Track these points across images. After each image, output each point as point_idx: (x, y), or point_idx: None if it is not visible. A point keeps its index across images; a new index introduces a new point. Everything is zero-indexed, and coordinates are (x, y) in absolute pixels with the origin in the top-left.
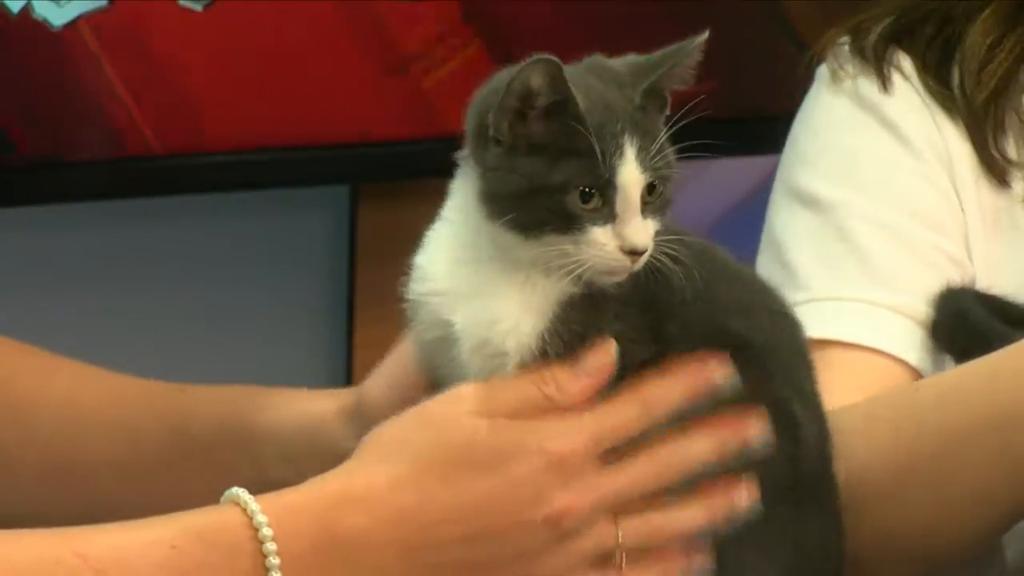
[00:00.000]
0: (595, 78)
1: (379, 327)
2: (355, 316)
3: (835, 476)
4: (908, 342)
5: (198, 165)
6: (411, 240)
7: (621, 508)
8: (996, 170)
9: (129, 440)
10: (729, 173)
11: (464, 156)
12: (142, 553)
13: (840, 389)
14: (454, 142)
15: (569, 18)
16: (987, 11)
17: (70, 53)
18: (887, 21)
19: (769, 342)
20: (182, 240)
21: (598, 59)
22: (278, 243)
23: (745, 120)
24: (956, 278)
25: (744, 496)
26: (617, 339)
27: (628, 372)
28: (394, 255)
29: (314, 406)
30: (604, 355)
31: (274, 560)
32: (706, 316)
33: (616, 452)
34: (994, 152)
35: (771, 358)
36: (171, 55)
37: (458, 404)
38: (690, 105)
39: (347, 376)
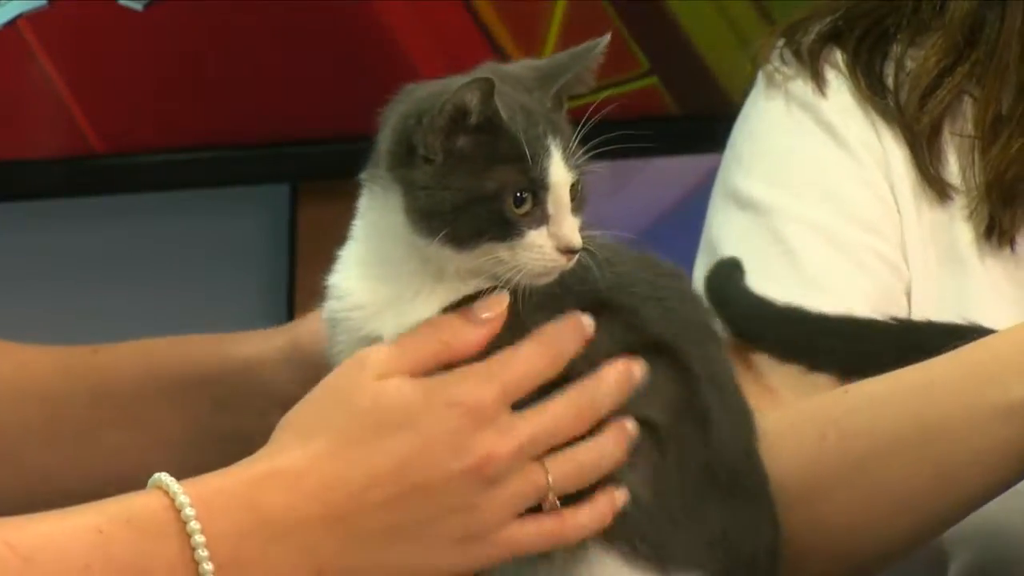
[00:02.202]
0: (501, 83)
1: None
2: (295, 315)
3: (763, 470)
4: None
5: (138, 164)
6: None
7: (545, 451)
8: (935, 186)
9: (46, 407)
10: (668, 172)
11: (373, 176)
12: (70, 539)
13: (768, 392)
14: None
15: (511, 16)
16: (939, 35)
17: (10, 53)
18: (826, 21)
19: (681, 330)
20: (122, 239)
21: (494, 66)
22: (218, 242)
23: (684, 118)
24: (891, 281)
25: (631, 425)
26: (541, 324)
27: None
28: (334, 254)
29: (246, 350)
30: (497, 305)
31: (199, 538)
32: (622, 302)
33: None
34: (933, 172)
35: (684, 347)
36: (111, 54)
37: (361, 371)
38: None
39: None
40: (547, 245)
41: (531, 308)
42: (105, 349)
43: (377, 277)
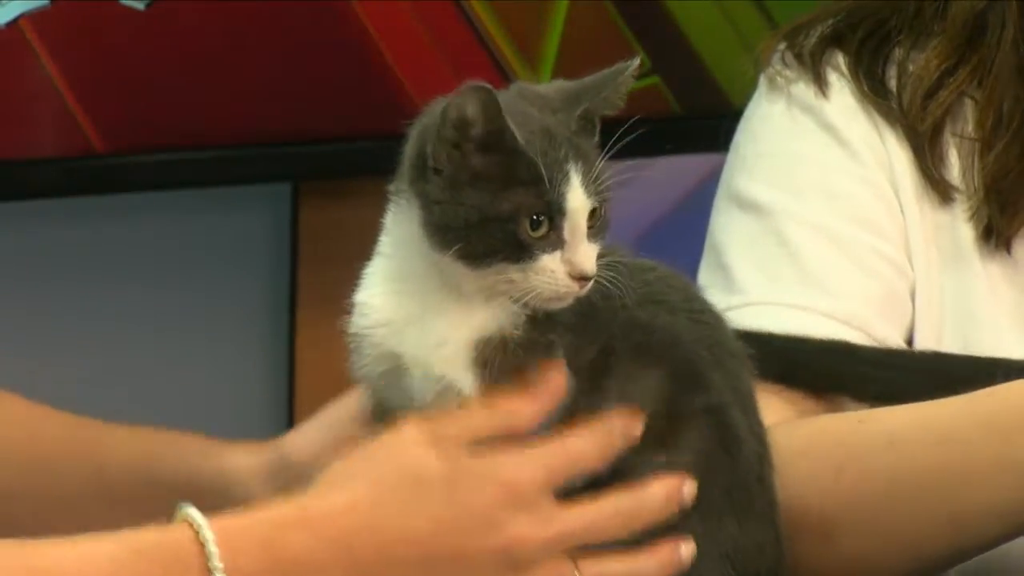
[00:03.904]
0: (528, 104)
1: (321, 326)
2: (297, 315)
3: (773, 495)
4: None
5: (140, 164)
6: (353, 238)
7: (578, 548)
8: (938, 188)
9: (46, 475)
10: (669, 171)
11: (398, 189)
12: (83, 566)
13: (772, 396)
14: (395, 141)
15: (528, 17)
16: (940, 37)
17: (12, 52)
18: (827, 24)
19: (711, 350)
20: (123, 239)
21: (524, 85)
22: (219, 241)
23: (686, 118)
24: (896, 282)
25: (686, 552)
26: (568, 348)
27: (576, 376)
28: (336, 253)
29: (230, 462)
30: (555, 379)
31: None
32: (649, 321)
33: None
34: (935, 174)
35: (712, 366)
36: (113, 54)
37: (408, 435)
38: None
39: (289, 376)
40: (560, 270)
41: (561, 330)
42: (111, 430)
43: (401, 293)
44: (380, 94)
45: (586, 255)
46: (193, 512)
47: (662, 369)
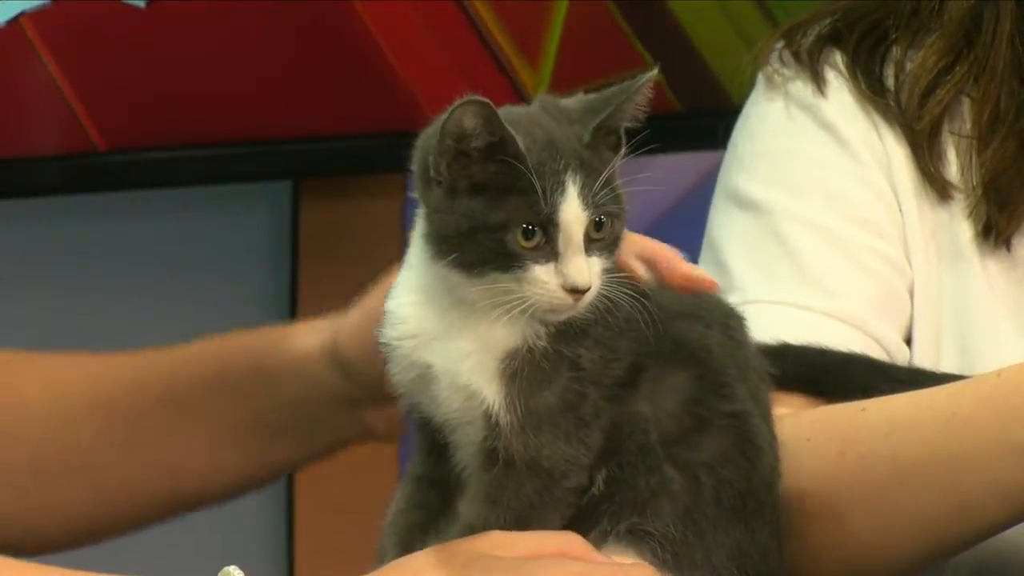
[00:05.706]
0: (546, 115)
1: None
2: (298, 312)
3: (779, 505)
4: (841, 347)
5: (140, 161)
6: (353, 236)
7: None
8: (936, 186)
9: (123, 419)
10: (671, 169)
11: (418, 200)
12: None
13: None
14: (396, 138)
15: (529, 15)
16: (937, 35)
17: (12, 50)
18: (825, 22)
19: (739, 366)
20: (124, 237)
21: (548, 98)
22: (220, 239)
23: (687, 115)
24: (895, 281)
25: None
26: (596, 362)
27: (603, 391)
28: (336, 251)
29: (295, 348)
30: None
31: None
32: (683, 334)
33: None
34: (933, 171)
35: (738, 379)
36: (114, 52)
37: (420, 560)
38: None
39: None
40: (552, 282)
41: (590, 343)
42: (174, 353)
43: (426, 305)
44: (381, 92)
45: (578, 268)
46: (233, 570)
47: (690, 372)
